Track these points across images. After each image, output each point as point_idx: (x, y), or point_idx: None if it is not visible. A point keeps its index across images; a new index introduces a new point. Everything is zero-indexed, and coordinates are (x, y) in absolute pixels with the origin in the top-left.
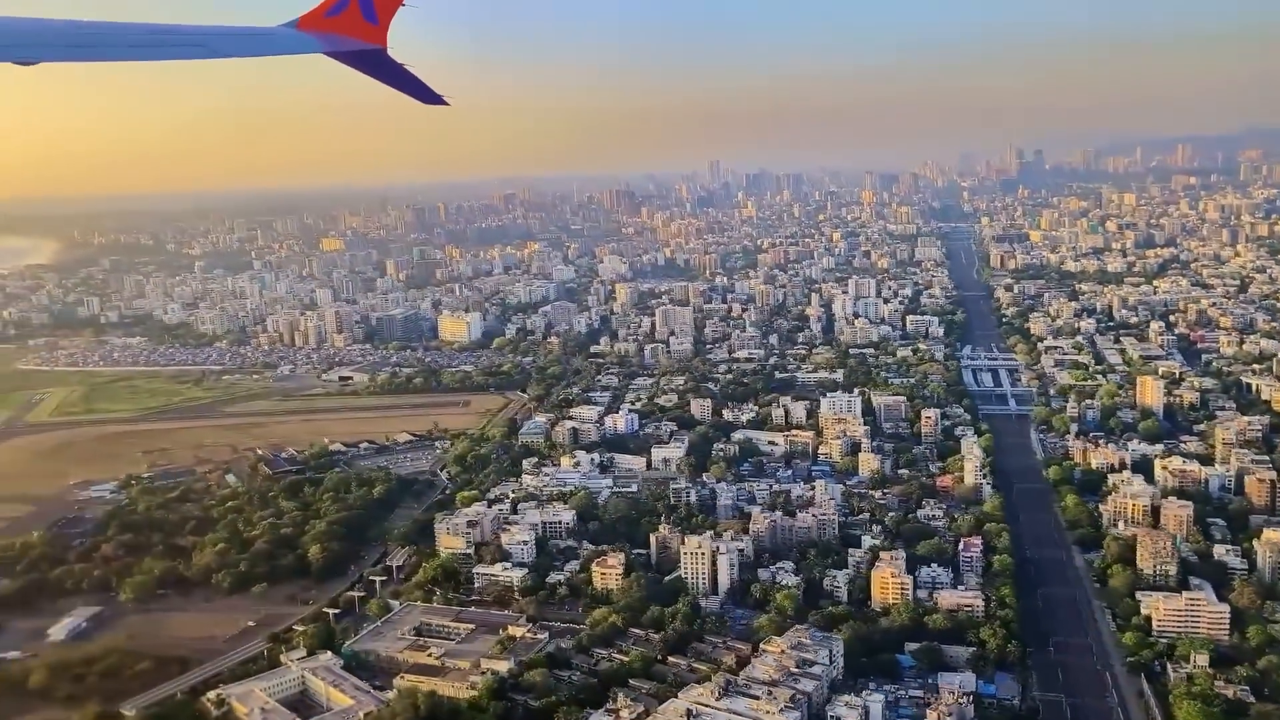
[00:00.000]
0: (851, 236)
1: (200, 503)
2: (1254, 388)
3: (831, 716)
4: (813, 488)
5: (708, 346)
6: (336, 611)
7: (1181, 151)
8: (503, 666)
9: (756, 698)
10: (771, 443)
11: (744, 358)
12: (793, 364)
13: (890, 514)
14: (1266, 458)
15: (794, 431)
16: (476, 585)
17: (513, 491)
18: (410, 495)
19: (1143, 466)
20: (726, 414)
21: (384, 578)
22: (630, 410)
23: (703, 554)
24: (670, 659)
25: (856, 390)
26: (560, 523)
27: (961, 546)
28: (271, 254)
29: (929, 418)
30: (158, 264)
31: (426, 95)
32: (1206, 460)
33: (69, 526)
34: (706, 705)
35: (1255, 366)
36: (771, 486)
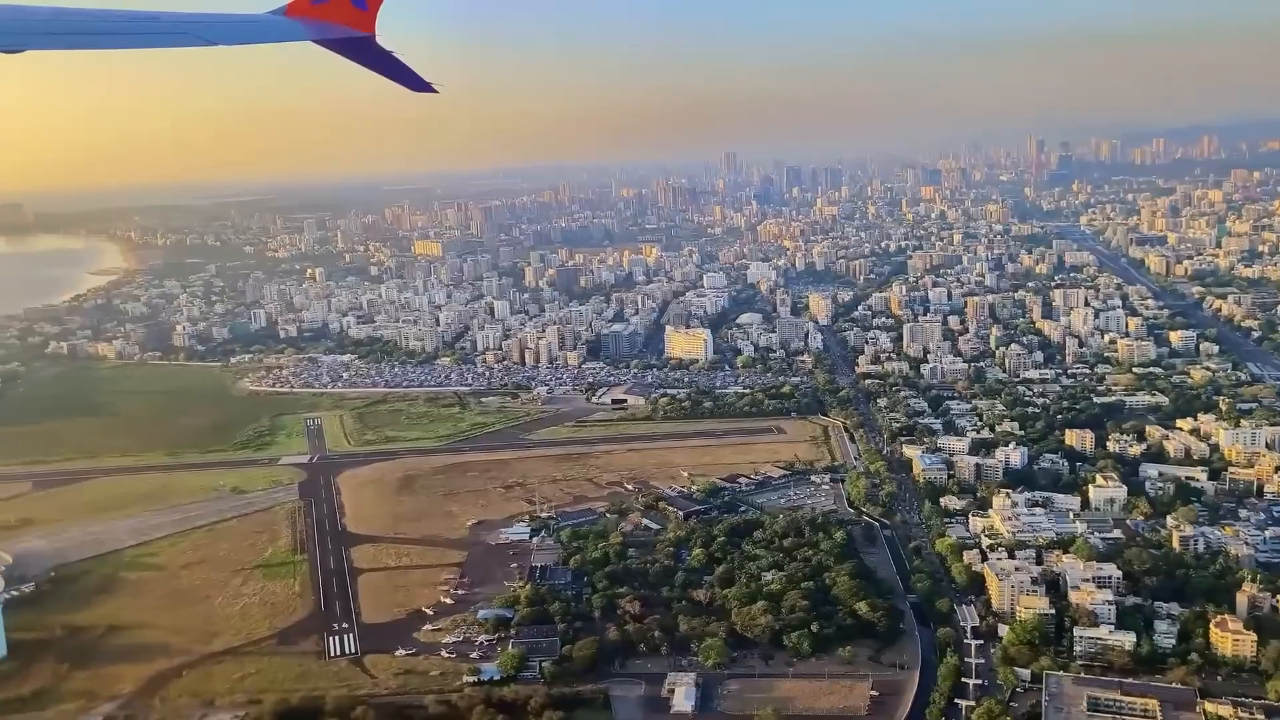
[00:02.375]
0: (970, 238)
1: (656, 549)
2: None
3: None
4: None
5: (982, 365)
6: (979, 682)
7: (1206, 143)
8: None
9: None
10: (1191, 478)
11: (1037, 378)
12: (1093, 385)
13: None
14: None
15: (1233, 469)
16: (1077, 650)
17: (985, 535)
18: (859, 539)
19: None
20: (1111, 445)
21: (978, 641)
22: (1020, 444)
23: None
24: None
25: (1209, 416)
26: (1109, 578)
27: None
28: (357, 254)
29: None
30: (256, 268)
31: (415, 83)
32: None
33: (548, 578)
34: None
35: None
36: (1264, 533)
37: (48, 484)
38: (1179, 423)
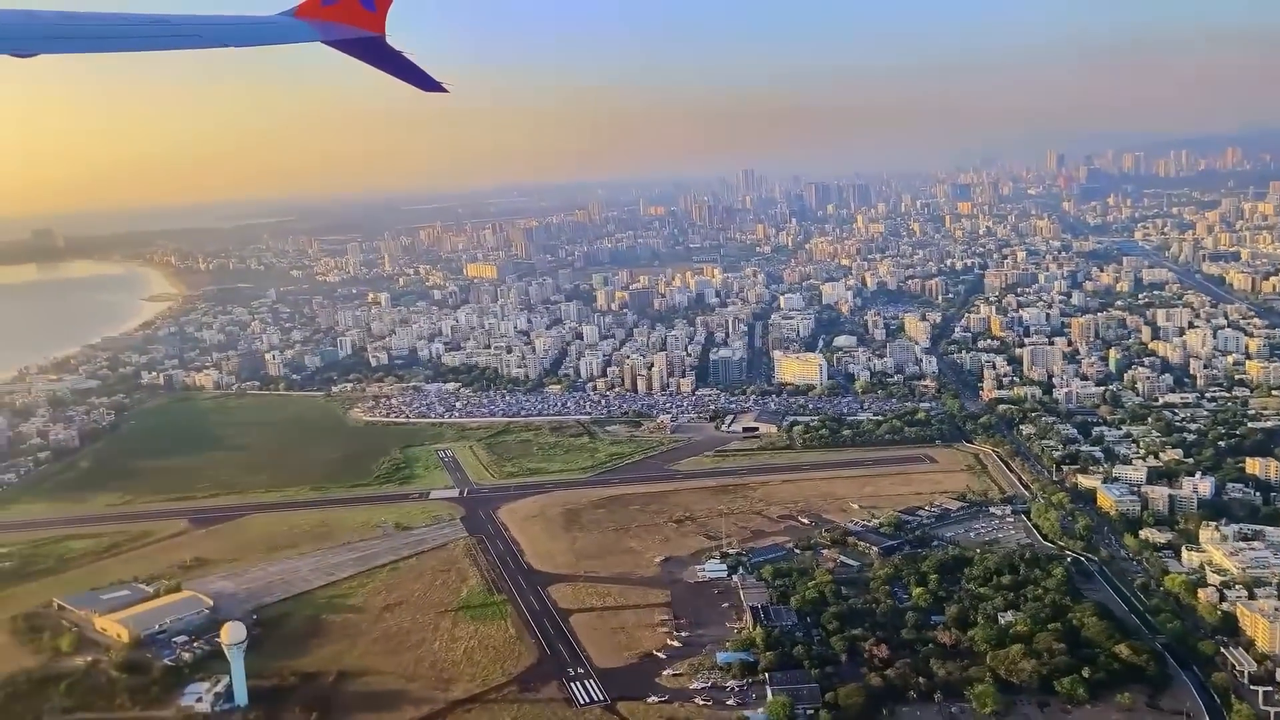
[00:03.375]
0: (1033, 255)
1: (869, 587)
2: None
3: None
4: None
5: (1113, 389)
6: None
7: (1230, 154)
8: None
9: None
10: None
11: (1179, 403)
12: (1239, 409)
13: None
14: None
15: None
16: None
17: (1211, 571)
18: (1077, 575)
19: None
20: None
21: (1265, 688)
22: (1204, 474)
23: None
24: None
25: None
26: None
27: None
28: (408, 277)
29: None
30: (311, 293)
31: (425, 83)
32: None
33: (773, 619)
34: None
35: None
36: None
37: (204, 521)
38: None
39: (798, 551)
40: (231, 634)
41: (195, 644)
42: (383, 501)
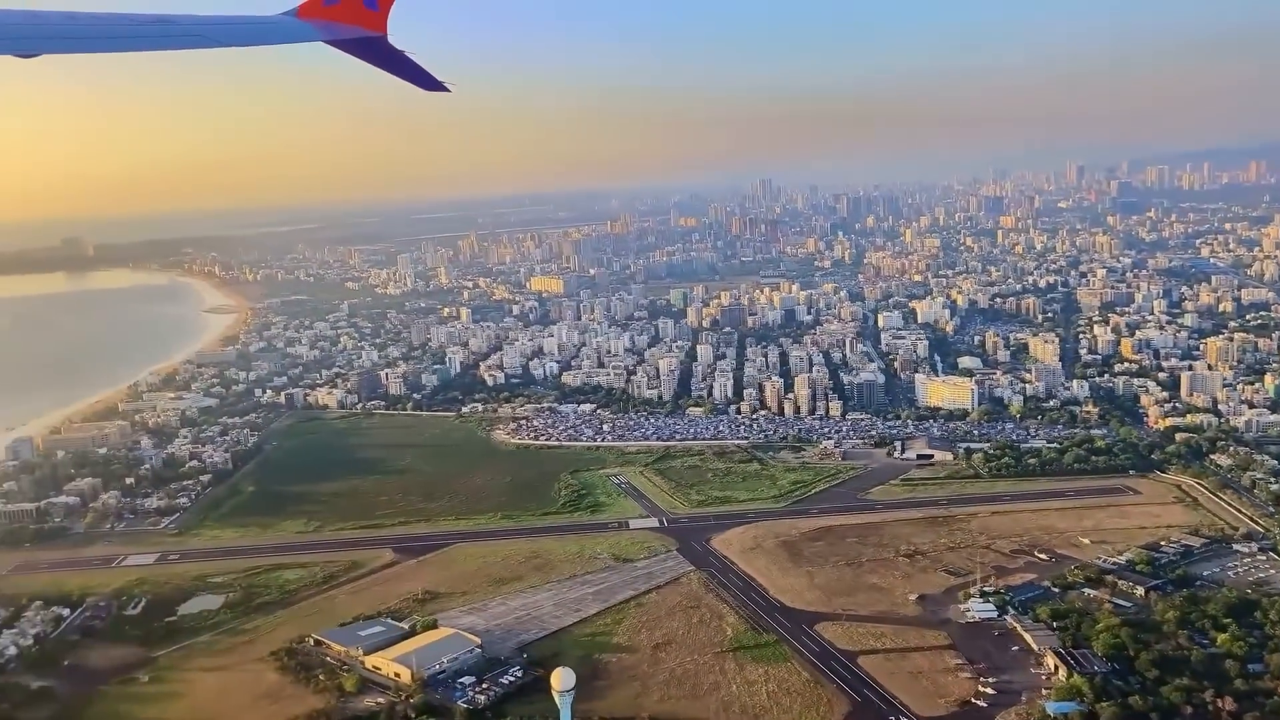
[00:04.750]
0: (1113, 273)
1: (1164, 632)
2: None
3: None
4: None
5: None
6: None
7: (1255, 168)
8: None
9: None
10: None
11: None
12: None
13: None
14: None
15: None
16: None
17: None
18: None
19: None
20: None
21: None
22: None
23: None
24: None
25: None
26: None
27: None
28: (469, 289)
29: None
30: (374, 305)
31: (427, 82)
32: None
33: (1087, 666)
34: None
35: None
36: None
37: (410, 551)
38: None
39: (1056, 590)
40: (563, 681)
41: (483, 686)
42: (583, 531)
